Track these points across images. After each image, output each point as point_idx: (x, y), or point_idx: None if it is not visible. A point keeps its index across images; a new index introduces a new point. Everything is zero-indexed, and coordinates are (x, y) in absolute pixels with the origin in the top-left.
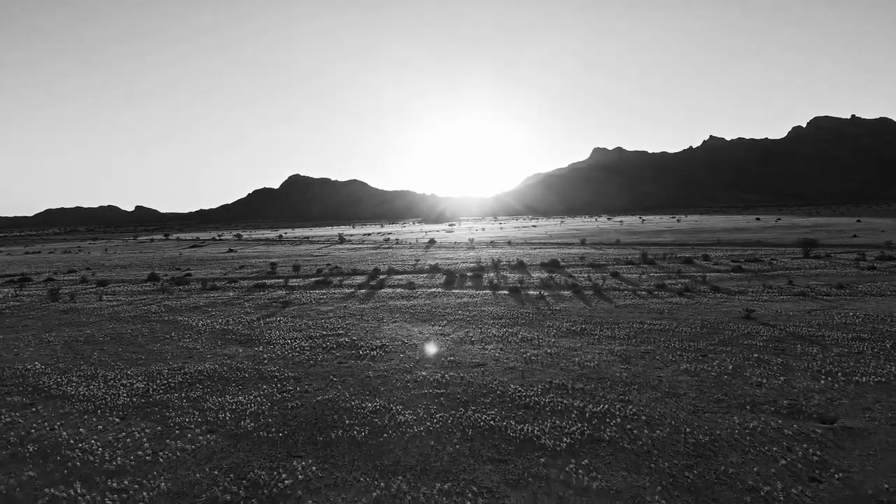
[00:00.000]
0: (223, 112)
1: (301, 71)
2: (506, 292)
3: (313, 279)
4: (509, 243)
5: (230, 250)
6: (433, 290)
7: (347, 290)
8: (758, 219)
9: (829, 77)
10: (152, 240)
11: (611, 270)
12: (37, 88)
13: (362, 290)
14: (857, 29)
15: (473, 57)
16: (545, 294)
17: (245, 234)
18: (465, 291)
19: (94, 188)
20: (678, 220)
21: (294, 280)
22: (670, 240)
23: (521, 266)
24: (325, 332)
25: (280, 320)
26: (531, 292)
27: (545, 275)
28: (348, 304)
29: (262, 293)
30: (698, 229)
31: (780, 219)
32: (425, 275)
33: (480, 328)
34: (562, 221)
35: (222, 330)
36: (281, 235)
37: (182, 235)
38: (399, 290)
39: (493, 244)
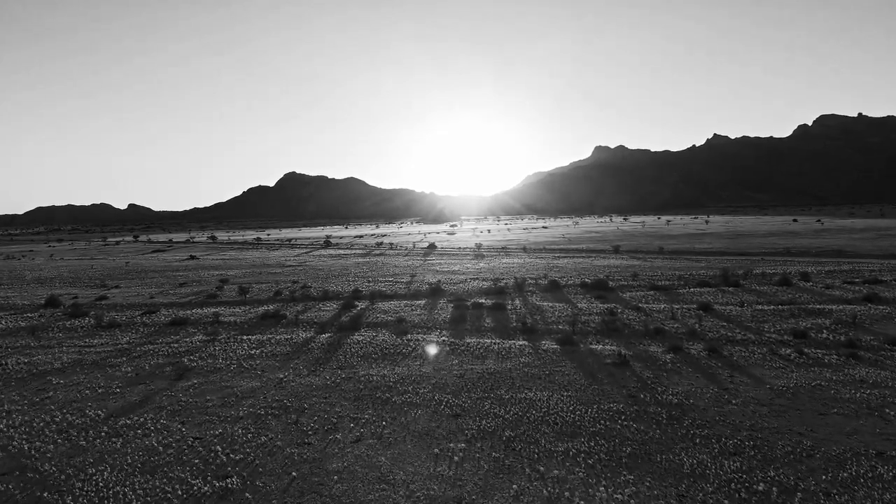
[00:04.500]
0: (220, 110)
1: (300, 70)
2: (554, 345)
3: (262, 309)
4: (524, 250)
5: (191, 257)
6: (435, 335)
7: (302, 335)
8: (795, 220)
9: (834, 75)
10: (118, 242)
11: (692, 298)
12: (33, 87)
13: (325, 336)
14: (862, 27)
15: (473, 55)
16: (625, 353)
17: (226, 236)
18: (485, 342)
19: (89, 186)
20: (706, 223)
21: (234, 310)
22: (718, 247)
23: (555, 287)
24: (199, 484)
25: (146, 422)
26: (597, 347)
27: (599, 305)
28: (288, 375)
29: (170, 339)
30: (740, 233)
31: (819, 220)
32: (423, 302)
33: (542, 477)
34: (576, 223)
35: (9, 458)
36: (259, 238)
37: (155, 237)
38: (382, 334)
39: (505, 251)
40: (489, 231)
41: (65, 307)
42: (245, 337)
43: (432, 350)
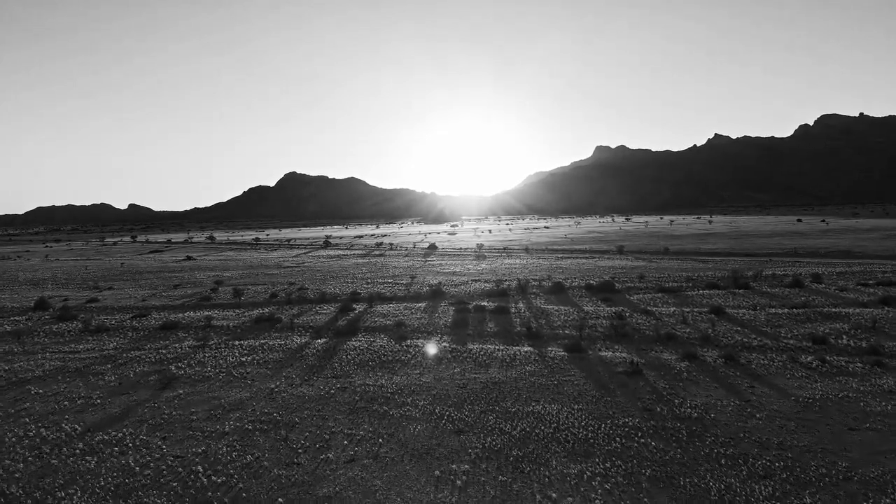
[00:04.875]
0: (221, 110)
1: (300, 70)
2: (561, 352)
3: (257, 312)
4: (526, 250)
5: (188, 258)
6: (435, 341)
7: (297, 340)
8: (799, 220)
9: (835, 75)
10: (115, 243)
11: (702, 301)
12: (33, 87)
13: (320, 341)
14: (862, 27)
15: (473, 55)
16: (636, 361)
17: (225, 236)
18: (488, 348)
19: (89, 186)
20: (710, 223)
21: (227, 313)
22: (723, 248)
23: (559, 289)
24: None
25: (124, 437)
26: (606, 353)
27: (606, 308)
28: (280, 384)
29: (158, 344)
30: (744, 233)
31: (824, 220)
32: (423, 305)
33: None
34: (578, 223)
35: None
36: (258, 238)
37: (153, 237)
38: (380, 340)
39: (506, 251)
40: (490, 231)
41: (54, 310)
42: (237, 342)
43: (433, 357)
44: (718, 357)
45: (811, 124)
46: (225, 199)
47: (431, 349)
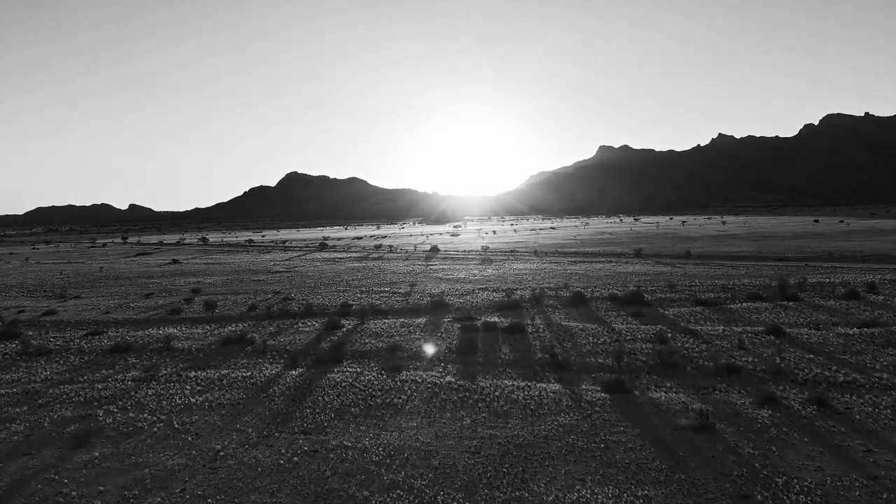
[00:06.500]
0: (222, 110)
1: (300, 70)
2: (598, 392)
3: (228, 329)
4: (535, 253)
5: (173, 261)
6: (438, 372)
7: (266, 371)
8: (816, 221)
9: (840, 74)
10: (105, 244)
11: (751, 317)
12: (33, 88)
13: (294, 373)
14: (863, 26)
15: (473, 55)
16: (704, 409)
17: (220, 237)
18: (504, 384)
19: (90, 186)
20: (724, 223)
21: (194, 331)
22: (749, 251)
23: (580, 300)
24: None
25: None
26: (658, 395)
27: (641, 326)
28: (229, 443)
29: (98, 374)
30: (764, 234)
31: (843, 221)
32: (423, 320)
33: None
34: (585, 224)
35: None
36: (251, 240)
37: (147, 238)
38: (368, 372)
39: (514, 255)
40: (495, 232)
41: (2, 324)
42: (193, 373)
43: (434, 400)
44: (805, 400)
45: (816, 124)
46: (226, 199)
47: (432, 392)
